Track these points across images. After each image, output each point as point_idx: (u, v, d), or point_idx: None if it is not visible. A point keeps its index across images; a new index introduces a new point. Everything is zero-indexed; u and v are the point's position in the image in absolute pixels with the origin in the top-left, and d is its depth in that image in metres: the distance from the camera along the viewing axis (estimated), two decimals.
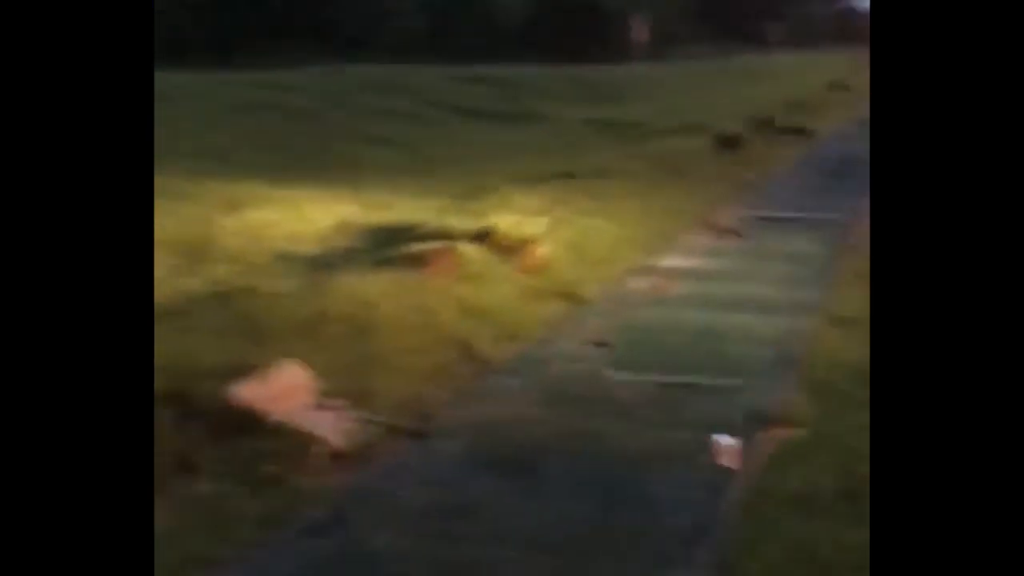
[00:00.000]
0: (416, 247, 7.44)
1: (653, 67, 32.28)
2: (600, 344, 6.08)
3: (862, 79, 34.93)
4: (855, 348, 5.69)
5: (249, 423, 4.48)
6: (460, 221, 8.50)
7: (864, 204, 11.03)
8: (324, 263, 7.49)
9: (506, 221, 8.39)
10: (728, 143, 15.33)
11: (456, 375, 5.48)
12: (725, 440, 4.51)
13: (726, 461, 4.42)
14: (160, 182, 10.78)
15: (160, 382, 5.04)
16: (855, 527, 3.62)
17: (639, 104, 22.13)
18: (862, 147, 17.61)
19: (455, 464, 4.47)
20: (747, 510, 3.95)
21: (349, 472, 4.32)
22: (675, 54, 37.54)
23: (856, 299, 6.69)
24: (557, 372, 5.64)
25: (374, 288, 6.32)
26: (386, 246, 7.96)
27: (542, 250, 7.70)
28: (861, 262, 7.83)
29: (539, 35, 36.19)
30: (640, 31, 27.13)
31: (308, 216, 8.97)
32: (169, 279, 7.24)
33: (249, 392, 4.62)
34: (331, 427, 4.52)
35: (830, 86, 28.23)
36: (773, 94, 24.20)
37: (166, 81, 13.71)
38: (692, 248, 8.90)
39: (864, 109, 25.52)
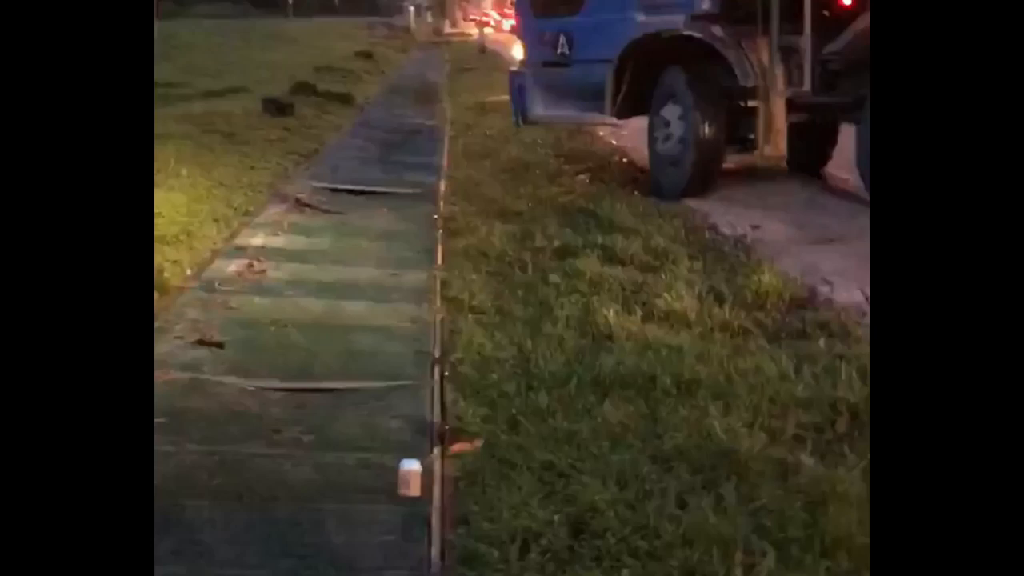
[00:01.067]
0: None
1: (169, 25, 30.24)
2: (210, 344, 5.06)
3: (380, 49, 35.58)
4: (495, 341, 5.19)
5: None
6: None
7: (433, 177, 10.81)
8: None
9: None
10: (277, 108, 14.45)
11: None
12: (409, 464, 3.77)
13: (412, 490, 3.69)
14: None
15: None
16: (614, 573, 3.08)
17: (166, 63, 20.41)
18: (404, 114, 17.61)
19: None
20: (467, 559, 3.25)
21: None
22: (189, 14, 35.67)
23: (470, 284, 6.23)
24: (168, 382, 4.56)
25: None
26: None
27: None
28: (455, 241, 7.44)
29: None
30: None
31: None
32: None
33: None
34: None
35: (356, 55, 28.13)
36: (305, 59, 23.56)
37: None
38: (275, 224, 7.97)
39: (392, 77, 25.92)
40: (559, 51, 9.08)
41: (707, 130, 8.15)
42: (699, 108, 8.14)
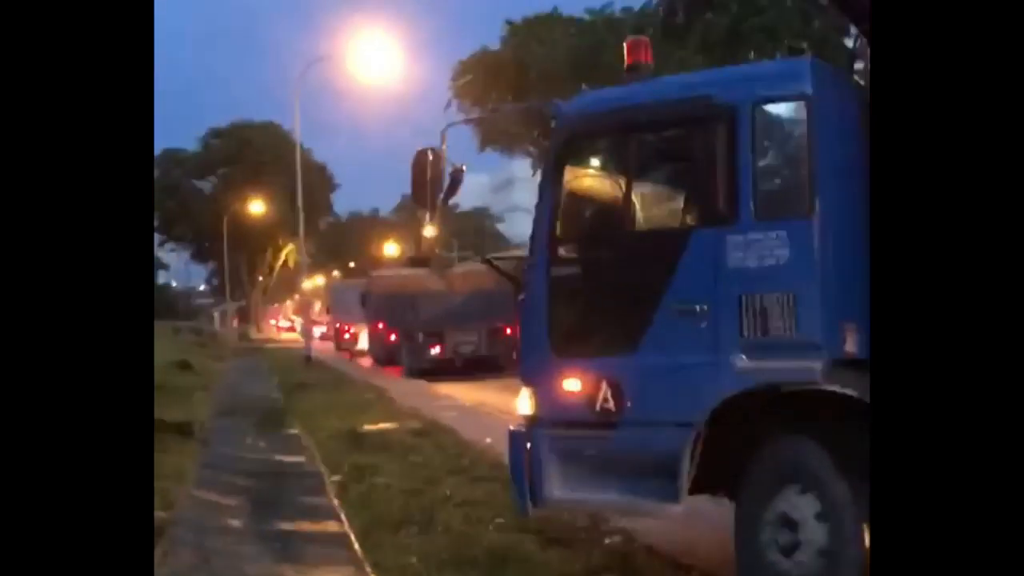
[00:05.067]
0: None
1: None
2: None
3: (205, 359, 31.75)
4: None
5: None
6: None
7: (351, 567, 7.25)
8: None
9: None
10: None
11: None
12: None
13: None
14: None
15: None
16: None
17: None
18: (256, 447, 13.86)
19: None
20: None
21: None
22: None
23: None
24: None
25: None
26: None
27: None
28: None
29: None
30: None
31: None
32: None
33: None
34: None
35: (174, 365, 24.38)
36: None
37: None
38: None
39: (221, 393, 21.93)
40: (599, 406, 5.96)
41: None
42: (863, 504, 5.16)
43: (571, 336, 6.20)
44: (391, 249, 60.77)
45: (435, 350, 25.69)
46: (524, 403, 6.35)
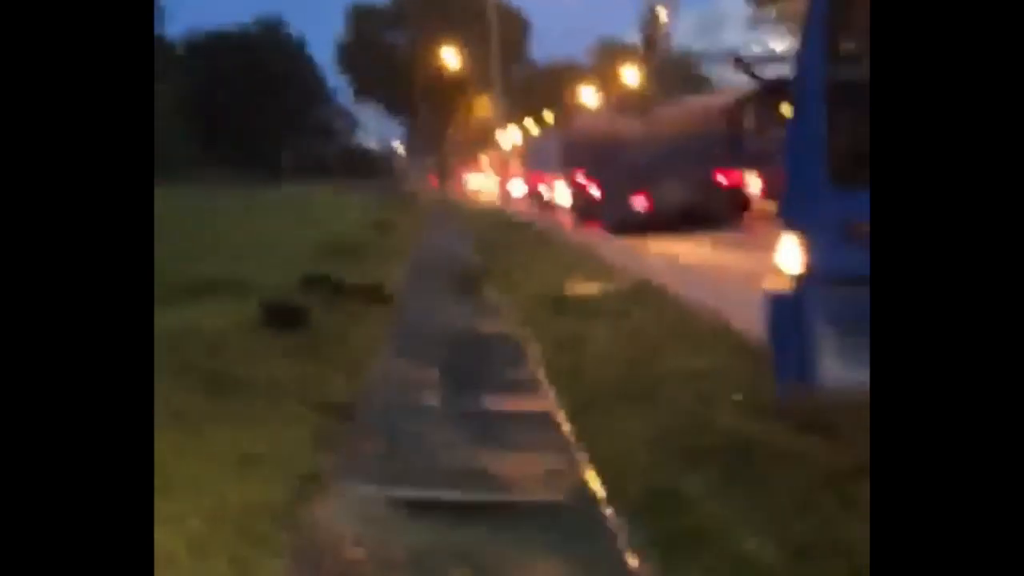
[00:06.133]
0: None
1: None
2: None
3: (402, 217, 31.43)
4: None
5: None
6: None
7: (566, 455, 6.21)
8: None
9: None
10: (282, 315, 9.88)
11: None
12: None
13: None
14: None
15: None
16: None
17: None
18: (453, 314, 13.07)
19: None
20: None
21: None
22: (175, 179, 31.68)
23: None
24: None
25: None
26: None
27: None
28: None
29: None
30: None
31: None
32: None
33: None
34: None
35: (375, 225, 23.86)
36: (315, 235, 19.20)
37: None
38: None
39: (429, 255, 21.39)
40: None
41: None
42: None
43: (861, 158, 4.61)
44: (589, 97, 58.46)
45: (640, 202, 23.95)
46: (789, 253, 4.86)
